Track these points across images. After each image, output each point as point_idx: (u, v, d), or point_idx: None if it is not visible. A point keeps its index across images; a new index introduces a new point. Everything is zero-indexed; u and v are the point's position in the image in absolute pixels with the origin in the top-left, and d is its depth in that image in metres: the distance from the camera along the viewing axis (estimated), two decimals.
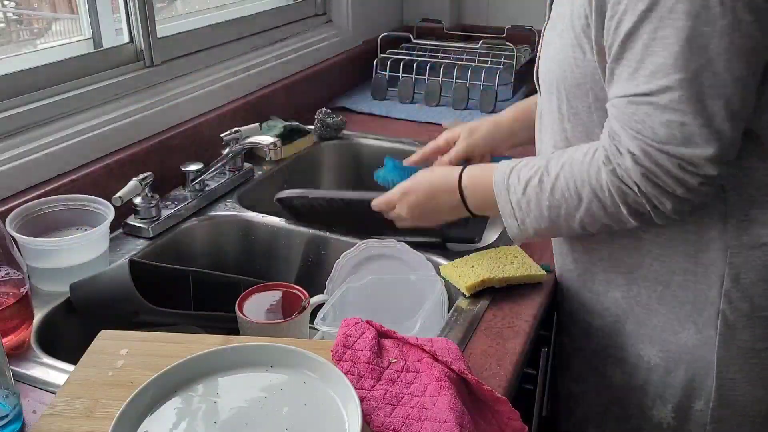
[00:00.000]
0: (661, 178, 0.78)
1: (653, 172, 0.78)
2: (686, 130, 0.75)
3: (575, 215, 0.85)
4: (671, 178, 0.77)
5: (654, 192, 0.79)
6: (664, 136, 0.76)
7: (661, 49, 0.73)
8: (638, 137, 0.77)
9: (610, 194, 0.81)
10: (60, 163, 1.10)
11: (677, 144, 0.76)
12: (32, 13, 1.27)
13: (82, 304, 0.92)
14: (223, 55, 1.49)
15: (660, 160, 0.77)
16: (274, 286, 0.97)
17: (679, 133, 0.75)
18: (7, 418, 0.70)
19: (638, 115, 0.77)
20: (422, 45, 1.94)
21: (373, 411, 0.69)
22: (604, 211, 0.83)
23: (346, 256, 1.07)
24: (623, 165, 0.79)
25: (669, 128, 0.75)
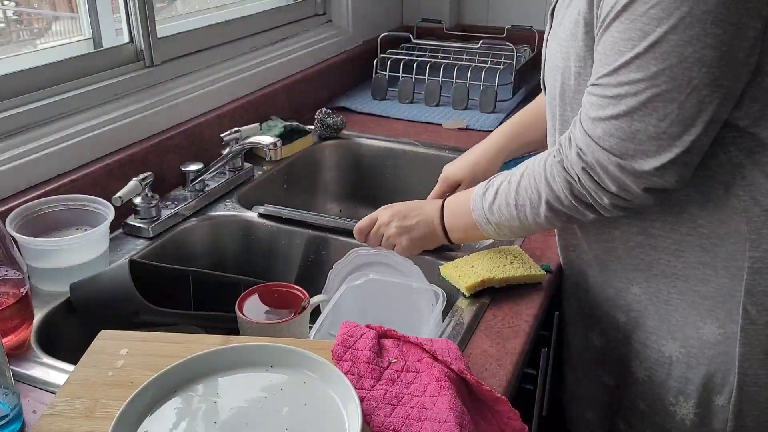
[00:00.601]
0: (599, 174, 0.80)
1: (592, 168, 0.80)
2: (634, 132, 0.77)
3: (540, 212, 0.89)
4: (609, 177, 0.80)
5: (592, 186, 0.82)
6: (610, 135, 0.78)
7: (626, 49, 0.75)
8: (587, 132, 0.80)
9: (560, 185, 0.85)
10: (60, 163, 1.10)
11: (624, 147, 0.77)
12: (32, 11, 1.27)
13: (82, 304, 0.92)
14: (223, 55, 1.49)
15: (601, 158, 0.79)
16: (274, 286, 0.97)
17: (625, 134, 0.77)
18: (7, 418, 0.70)
19: (592, 108, 0.80)
20: (422, 45, 1.94)
21: (373, 411, 0.69)
22: (560, 204, 0.86)
23: (337, 267, 1.07)
24: (569, 157, 0.82)
25: (617, 128, 0.77)
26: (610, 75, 0.77)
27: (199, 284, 1.02)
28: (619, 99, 0.76)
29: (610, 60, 0.77)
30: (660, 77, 0.74)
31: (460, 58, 1.83)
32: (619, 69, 0.76)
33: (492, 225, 0.94)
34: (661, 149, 0.76)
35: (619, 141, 0.77)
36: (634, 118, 0.76)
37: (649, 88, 0.74)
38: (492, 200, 0.93)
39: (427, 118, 1.67)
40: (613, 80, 0.77)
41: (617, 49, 0.76)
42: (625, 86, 0.76)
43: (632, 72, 0.75)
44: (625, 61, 0.75)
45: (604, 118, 0.78)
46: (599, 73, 0.79)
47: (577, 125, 0.82)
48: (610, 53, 0.77)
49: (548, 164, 0.86)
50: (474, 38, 1.96)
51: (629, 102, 0.76)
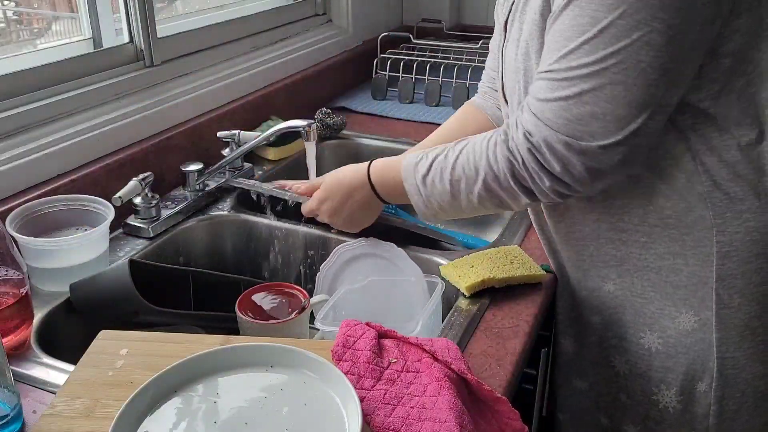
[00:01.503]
0: (544, 154, 0.81)
1: (538, 148, 0.81)
2: (583, 113, 0.78)
3: (474, 189, 0.89)
4: (554, 156, 0.80)
5: (535, 167, 0.82)
6: (559, 116, 0.79)
7: (576, 35, 0.77)
8: (535, 113, 0.81)
9: (501, 165, 0.85)
10: (60, 163, 1.10)
11: (573, 129, 0.79)
12: (32, 11, 1.27)
13: (82, 304, 0.92)
14: (223, 55, 1.49)
15: (548, 137, 0.80)
16: (274, 286, 0.97)
17: (573, 115, 0.78)
18: (7, 418, 0.70)
19: (541, 91, 0.81)
20: (422, 45, 1.94)
21: (373, 411, 0.69)
22: (498, 184, 0.87)
23: (324, 268, 1.07)
24: (515, 138, 0.83)
25: (565, 110, 0.78)
26: (560, 60, 0.79)
27: (199, 284, 1.03)
28: (569, 81, 0.78)
29: (559, 45, 0.79)
30: (608, 60, 0.75)
31: (460, 58, 1.83)
32: (569, 54, 0.78)
33: (422, 197, 0.94)
34: (608, 131, 0.78)
35: (567, 122, 0.79)
36: (583, 99, 0.77)
37: (599, 71, 0.76)
38: (426, 172, 0.93)
39: (427, 118, 1.67)
40: (563, 65, 0.78)
41: (567, 35, 0.78)
42: (575, 70, 0.77)
43: (582, 56, 0.77)
44: (575, 46, 0.77)
45: (552, 99, 0.79)
46: (549, 60, 0.80)
47: (524, 109, 0.83)
48: (560, 39, 0.79)
49: (491, 143, 0.87)
50: (474, 38, 1.95)
51: (578, 84, 0.77)
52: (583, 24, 0.76)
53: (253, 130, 1.45)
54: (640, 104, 0.77)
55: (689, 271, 0.89)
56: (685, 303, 0.91)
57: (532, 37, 0.86)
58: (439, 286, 0.95)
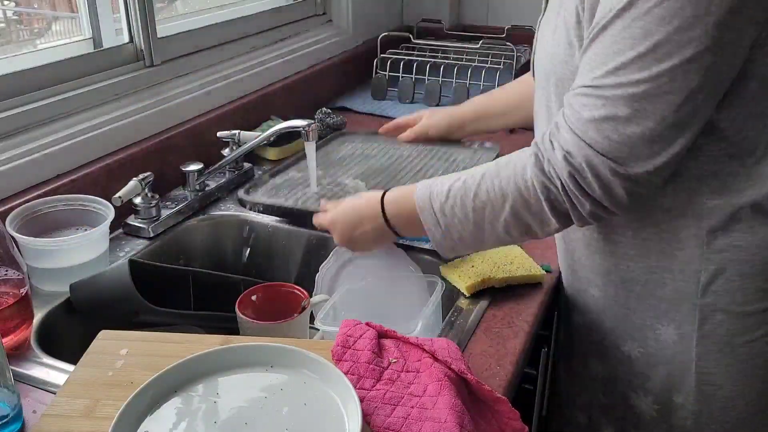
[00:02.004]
0: (587, 178, 0.77)
1: (580, 171, 0.77)
2: (630, 135, 0.74)
3: (500, 216, 0.84)
4: (597, 181, 0.77)
5: (576, 192, 0.78)
6: (605, 137, 0.75)
7: (627, 48, 0.73)
8: (577, 134, 0.77)
9: (534, 190, 0.81)
10: (60, 163, 1.10)
11: (618, 150, 0.75)
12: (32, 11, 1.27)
13: (82, 304, 0.92)
14: (223, 55, 1.49)
15: (593, 161, 0.76)
16: (274, 286, 0.97)
17: (621, 137, 0.75)
18: (7, 418, 0.70)
19: (586, 108, 0.77)
20: (422, 45, 1.94)
21: (373, 411, 0.69)
22: (528, 210, 0.82)
23: (323, 269, 1.07)
24: (552, 160, 0.79)
25: (613, 131, 0.75)
26: (608, 75, 0.75)
27: (199, 284, 1.02)
28: (617, 100, 0.74)
29: (607, 60, 0.75)
30: (661, 78, 0.72)
31: (460, 58, 1.83)
32: (619, 69, 0.74)
33: (440, 227, 0.88)
34: (653, 153, 0.75)
35: (613, 143, 0.75)
36: (632, 120, 0.74)
37: (650, 89, 0.73)
38: (444, 199, 0.87)
39: None
40: (611, 81, 0.75)
41: (616, 48, 0.74)
42: (625, 87, 0.74)
43: (633, 72, 0.73)
44: (625, 60, 0.73)
45: (598, 119, 0.76)
46: (595, 73, 0.76)
47: (562, 128, 0.79)
48: (608, 52, 0.75)
49: (518, 166, 0.82)
50: (474, 38, 1.95)
51: (627, 103, 0.74)
52: (634, 36, 0.73)
53: (253, 130, 1.45)
54: (684, 125, 0.75)
55: (674, 286, 0.88)
56: (667, 316, 0.90)
57: (567, 26, 0.83)
58: (439, 286, 0.95)
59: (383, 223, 0.95)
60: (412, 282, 1.01)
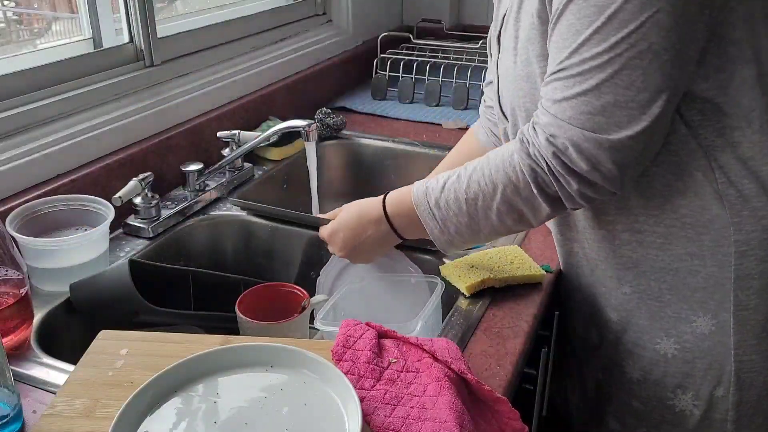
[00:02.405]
0: (571, 155, 0.79)
1: (564, 150, 0.79)
2: (604, 104, 0.76)
3: (492, 205, 0.86)
4: (582, 155, 0.78)
5: (562, 170, 0.80)
6: (581, 112, 0.77)
7: (584, 27, 0.76)
8: (555, 115, 0.79)
9: (522, 175, 0.83)
10: (60, 163, 1.10)
11: (596, 122, 0.77)
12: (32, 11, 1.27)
13: (82, 304, 0.92)
14: (223, 55, 1.49)
15: (574, 136, 0.78)
16: (274, 286, 0.97)
17: (595, 108, 0.77)
18: (7, 418, 0.70)
19: (557, 91, 0.79)
20: (422, 45, 1.94)
21: (373, 411, 0.69)
22: (518, 196, 0.84)
23: (324, 272, 1.07)
24: (536, 143, 0.81)
25: (586, 104, 0.77)
26: (571, 56, 0.77)
27: (199, 284, 1.02)
28: (584, 75, 0.77)
29: (568, 42, 0.77)
30: (621, 45, 0.75)
31: (460, 58, 1.83)
32: (580, 47, 0.77)
33: (437, 222, 0.90)
34: (632, 117, 0.77)
35: (590, 116, 0.77)
36: (602, 90, 0.76)
37: (612, 58, 0.75)
38: (438, 195, 0.89)
39: (427, 118, 1.67)
40: (575, 59, 0.77)
41: (575, 29, 0.77)
42: (588, 62, 0.76)
43: (593, 46, 0.76)
44: (584, 38, 0.76)
45: (570, 97, 0.78)
46: (559, 59, 0.79)
47: (541, 114, 0.81)
48: (567, 36, 0.78)
49: (506, 154, 0.85)
50: (474, 38, 1.95)
51: (595, 75, 0.76)
52: (589, 15, 0.76)
53: (253, 130, 1.45)
54: (659, 87, 0.76)
55: (707, 273, 0.88)
56: (703, 306, 0.89)
57: (531, 41, 0.86)
58: (439, 286, 0.95)
59: (386, 226, 0.95)
60: (412, 282, 1.01)
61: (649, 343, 0.95)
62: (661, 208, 0.88)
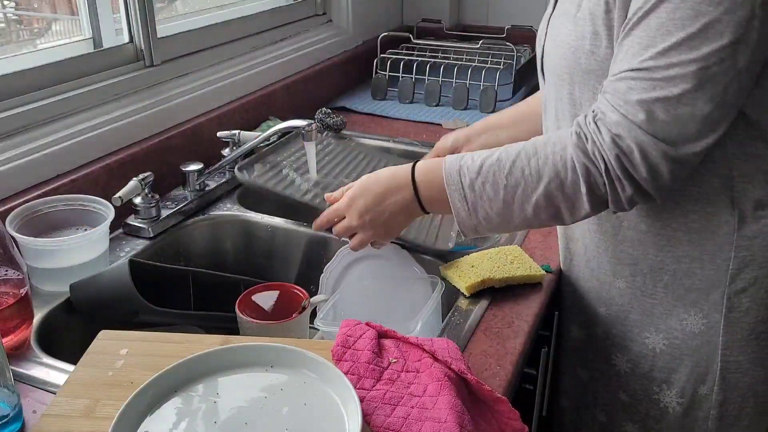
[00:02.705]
0: (635, 160, 0.76)
1: (629, 153, 0.76)
2: (680, 114, 0.74)
3: (532, 196, 0.82)
4: (646, 162, 0.76)
5: (621, 174, 0.77)
6: (655, 118, 0.75)
7: (677, 29, 0.73)
8: (626, 116, 0.76)
9: (573, 172, 0.79)
10: (60, 163, 1.10)
11: (668, 131, 0.75)
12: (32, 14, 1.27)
13: (82, 304, 0.92)
14: (223, 55, 1.49)
15: (643, 142, 0.75)
16: (274, 286, 0.97)
17: (671, 117, 0.74)
18: (7, 418, 0.70)
19: (633, 91, 0.76)
20: (422, 45, 1.94)
21: (373, 411, 0.69)
22: (561, 192, 0.80)
23: (327, 270, 1.07)
24: (598, 142, 0.77)
25: (663, 111, 0.74)
26: (657, 57, 0.74)
27: (199, 284, 1.02)
28: (668, 81, 0.74)
29: (655, 42, 0.74)
30: (711, 58, 0.72)
31: (460, 58, 1.83)
32: (668, 51, 0.73)
33: (467, 204, 0.85)
34: (702, 133, 0.75)
35: (663, 124, 0.74)
36: (682, 101, 0.74)
37: (701, 69, 0.72)
38: (474, 176, 0.84)
39: (427, 118, 1.67)
40: (662, 62, 0.74)
41: (665, 29, 0.73)
42: (675, 68, 0.73)
43: (683, 53, 0.73)
44: (675, 41, 0.73)
45: (648, 100, 0.74)
46: (642, 56, 0.75)
47: (607, 110, 0.77)
48: (656, 35, 0.74)
49: (558, 146, 0.80)
50: (474, 38, 1.96)
51: (679, 84, 0.73)
52: (683, 18, 0.72)
53: (253, 130, 1.45)
54: (730, 105, 0.75)
55: (704, 275, 0.88)
56: (695, 305, 0.90)
57: (593, 16, 0.82)
58: (439, 286, 0.95)
59: (411, 193, 0.90)
60: (412, 282, 1.01)
61: (638, 336, 0.96)
62: (672, 212, 0.87)
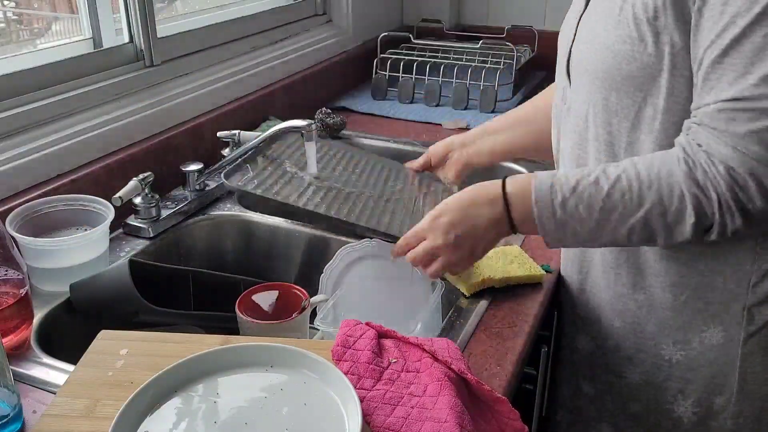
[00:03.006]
0: (749, 191, 0.74)
1: (743, 184, 0.74)
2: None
3: (629, 220, 0.80)
4: (761, 194, 0.74)
5: (732, 205, 0.75)
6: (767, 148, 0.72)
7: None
8: (737, 148, 0.74)
9: (680, 200, 0.77)
10: (60, 163, 1.10)
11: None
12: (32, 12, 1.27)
13: (82, 304, 0.92)
14: (223, 55, 1.49)
15: (758, 172, 0.73)
16: (274, 286, 0.97)
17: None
18: (7, 418, 0.70)
19: (741, 123, 0.73)
20: (422, 45, 1.94)
21: (373, 411, 0.69)
22: (663, 219, 0.79)
23: (327, 270, 1.07)
24: (710, 172, 0.75)
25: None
26: (759, 85, 0.72)
27: (199, 284, 1.02)
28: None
29: (753, 69, 0.72)
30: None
31: (460, 58, 1.83)
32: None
33: (554, 221, 0.83)
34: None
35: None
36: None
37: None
38: (568, 195, 0.82)
39: (427, 118, 1.67)
40: (764, 90, 0.71)
41: (763, 55, 0.71)
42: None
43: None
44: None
45: (757, 131, 0.72)
46: (742, 84, 0.73)
47: (713, 143, 0.75)
48: (752, 61, 0.72)
49: (665, 173, 0.78)
50: (474, 38, 1.95)
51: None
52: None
53: (253, 130, 1.45)
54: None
55: (725, 288, 0.87)
56: (715, 319, 0.89)
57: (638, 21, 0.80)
58: (439, 286, 0.95)
59: (502, 207, 0.86)
60: (412, 282, 1.01)
61: (653, 348, 0.95)
62: None
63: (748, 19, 0.71)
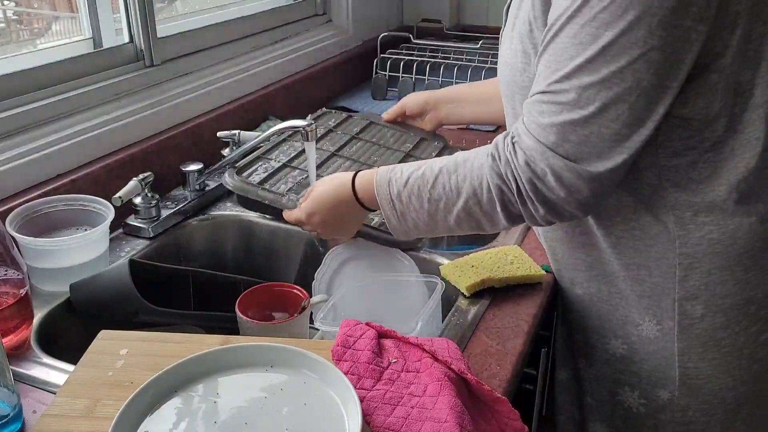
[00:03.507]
0: (548, 182, 0.78)
1: (542, 176, 0.78)
2: (588, 135, 0.76)
3: (453, 210, 0.86)
4: (561, 183, 0.78)
5: (532, 196, 0.80)
6: (564, 140, 0.77)
7: (578, 53, 0.75)
8: (538, 139, 0.78)
9: (488, 192, 0.83)
10: (60, 163, 1.10)
11: (579, 151, 0.77)
12: (32, 11, 1.27)
13: (82, 304, 0.92)
14: (223, 55, 1.49)
15: (555, 164, 0.78)
16: (274, 286, 0.97)
17: (580, 138, 0.76)
18: (7, 417, 0.70)
19: (543, 114, 0.78)
20: (422, 45, 1.94)
21: (373, 411, 0.69)
22: (479, 208, 0.85)
23: (318, 275, 1.07)
24: (513, 163, 0.80)
25: (572, 132, 0.77)
26: (562, 80, 0.77)
27: (199, 284, 1.03)
28: (573, 103, 0.76)
29: (561, 65, 0.77)
30: (612, 79, 0.74)
31: (460, 58, 1.84)
32: (572, 74, 0.76)
33: (396, 212, 0.90)
34: (613, 151, 0.77)
35: (574, 145, 0.77)
36: (588, 121, 0.76)
37: (602, 90, 0.75)
38: (401, 187, 0.89)
39: None
40: (566, 85, 0.76)
41: (569, 54, 0.76)
42: (578, 91, 0.76)
43: (585, 76, 0.75)
44: (577, 65, 0.75)
45: (557, 123, 0.77)
46: (550, 79, 0.78)
47: (524, 134, 0.80)
48: (561, 58, 0.77)
49: (475, 165, 0.84)
50: (474, 38, 1.96)
51: (582, 105, 0.76)
52: (583, 42, 0.75)
53: (253, 130, 1.45)
54: (641, 122, 0.76)
55: (652, 282, 0.90)
56: (648, 312, 0.91)
57: (522, 36, 0.86)
58: (439, 286, 0.95)
59: (356, 203, 0.96)
60: (411, 282, 1.01)
61: (599, 342, 0.98)
62: (612, 220, 0.89)
63: (563, 19, 0.76)
